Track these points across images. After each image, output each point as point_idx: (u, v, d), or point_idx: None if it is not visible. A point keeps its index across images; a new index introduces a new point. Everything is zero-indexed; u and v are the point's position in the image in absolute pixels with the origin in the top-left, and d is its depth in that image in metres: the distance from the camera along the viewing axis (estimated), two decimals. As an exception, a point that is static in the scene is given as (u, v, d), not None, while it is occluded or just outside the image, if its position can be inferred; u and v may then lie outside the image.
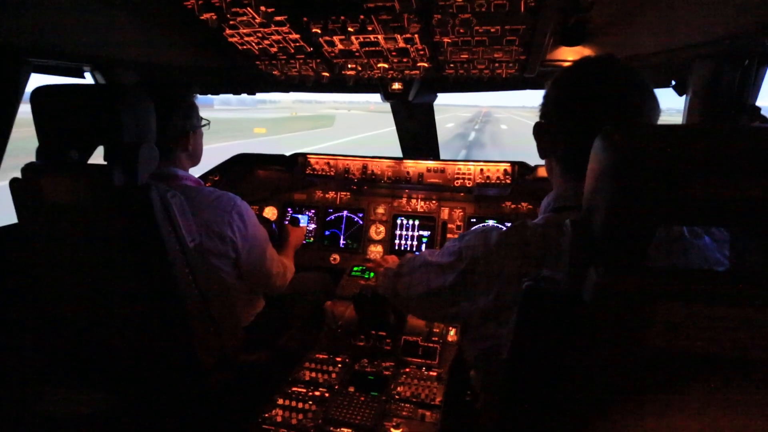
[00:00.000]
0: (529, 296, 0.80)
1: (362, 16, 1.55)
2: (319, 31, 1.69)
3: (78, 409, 1.72)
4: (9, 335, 1.83)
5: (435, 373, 1.93)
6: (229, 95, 3.04)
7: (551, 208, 1.19)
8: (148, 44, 2.03)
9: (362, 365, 1.98)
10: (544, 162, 1.33)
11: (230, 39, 1.85)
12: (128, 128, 1.44)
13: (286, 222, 2.94)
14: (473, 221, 2.88)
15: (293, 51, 1.97)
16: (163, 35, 1.95)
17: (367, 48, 1.87)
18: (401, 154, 3.20)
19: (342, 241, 3.05)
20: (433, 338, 2.12)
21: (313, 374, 1.90)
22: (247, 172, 3.09)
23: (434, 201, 2.97)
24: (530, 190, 2.76)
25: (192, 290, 1.62)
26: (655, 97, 1.12)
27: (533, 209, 2.80)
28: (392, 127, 3.19)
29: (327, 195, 3.12)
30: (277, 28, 1.69)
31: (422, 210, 2.98)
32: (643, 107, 1.09)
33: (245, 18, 1.59)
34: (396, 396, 1.78)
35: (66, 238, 1.58)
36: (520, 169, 2.63)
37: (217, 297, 1.77)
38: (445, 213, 2.93)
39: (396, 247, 2.97)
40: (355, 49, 1.90)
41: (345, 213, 3.07)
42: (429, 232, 2.93)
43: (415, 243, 2.95)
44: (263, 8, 1.52)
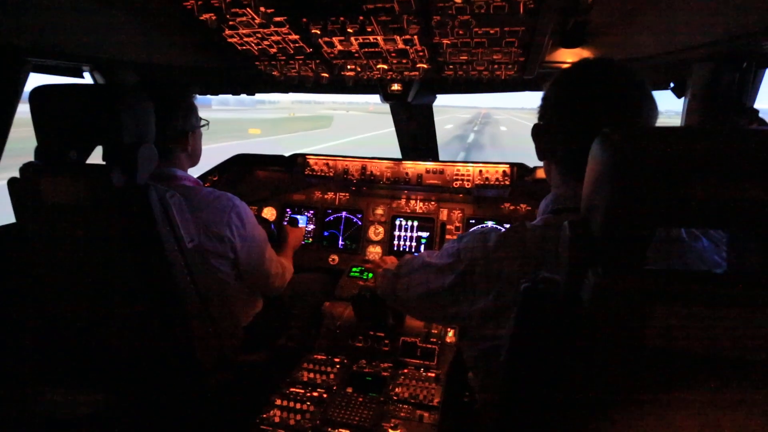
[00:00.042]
0: (528, 297, 0.80)
1: (362, 17, 1.55)
2: (319, 32, 1.69)
3: (77, 409, 1.71)
4: (8, 335, 1.82)
5: (433, 374, 1.93)
6: (228, 95, 3.05)
7: (550, 210, 1.19)
8: (148, 44, 2.03)
9: (360, 366, 1.98)
10: (543, 163, 1.33)
11: (230, 39, 1.84)
12: (127, 128, 1.44)
13: (285, 222, 2.94)
14: (472, 222, 2.88)
15: (292, 52, 1.97)
16: (163, 35, 1.95)
17: (367, 49, 1.87)
18: (400, 156, 3.20)
19: (341, 242, 3.04)
20: (432, 339, 2.12)
21: (312, 375, 1.90)
22: (246, 173, 3.09)
23: (433, 202, 2.97)
24: (529, 192, 2.76)
25: (191, 290, 1.62)
26: (654, 99, 1.12)
27: (532, 210, 2.80)
28: (391, 128, 3.19)
29: (326, 196, 3.12)
30: (277, 29, 1.69)
31: (421, 211, 2.98)
32: (642, 109, 1.10)
33: (245, 18, 1.59)
34: (394, 397, 1.78)
35: (65, 239, 1.58)
36: (519, 171, 2.64)
37: (216, 297, 1.77)
38: (444, 214, 2.93)
39: (395, 248, 2.97)
40: (355, 50, 1.90)
41: (344, 214, 3.07)
42: (428, 233, 2.93)
43: (414, 244, 2.95)
44: (263, 9, 1.52)
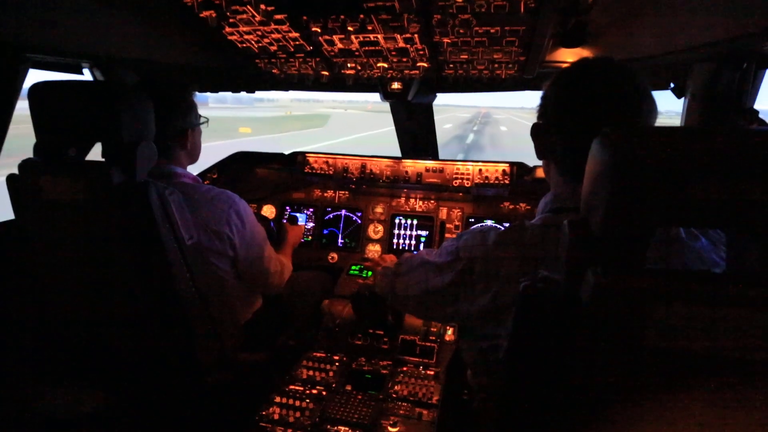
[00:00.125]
0: (527, 297, 0.80)
1: (362, 16, 1.55)
2: (319, 30, 1.69)
3: (77, 408, 1.71)
4: (8, 334, 1.82)
5: (432, 372, 1.93)
6: (226, 93, 3.04)
7: (549, 209, 1.19)
8: (147, 42, 2.02)
9: (360, 364, 1.98)
10: (542, 163, 1.33)
11: (229, 37, 1.84)
12: (127, 126, 1.44)
13: (285, 221, 2.95)
14: (471, 221, 2.88)
15: (293, 49, 1.97)
16: (162, 33, 1.94)
17: (367, 47, 1.87)
18: (398, 155, 3.20)
19: (340, 240, 3.04)
20: (431, 337, 2.13)
21: (311, 373, 1.90)
22: (246, 171, 3.08)
23: (433, 201, 2.97)
24: (528, 191, 2.76)
25: (190, 288, 1.61)
26: (653, 99, 1.12)
27: (531, 210, 2.80)
28: (389, 128, 3.19)
29: (325, 194, 3.12)
30: (277, 27, 1.69)
31: (421, 210, 2.98)
32: (641, 109, 1.10)
33: (245, 16, 1.59)
34: (393, 395, 1.78)
35: (64, 236, 1.58)
36: (519, 170, 2.64)
37: (215, 295, 1.77)
38: (444, 213, 2.93)
39: (394, 247, 2.97)
40: (355, 49, 1.89)
41: (343, 212, 3.07)
42: (427, 232, 2.93)
43: (414, 242, 2.95)
44: (263, 6, 1.52)
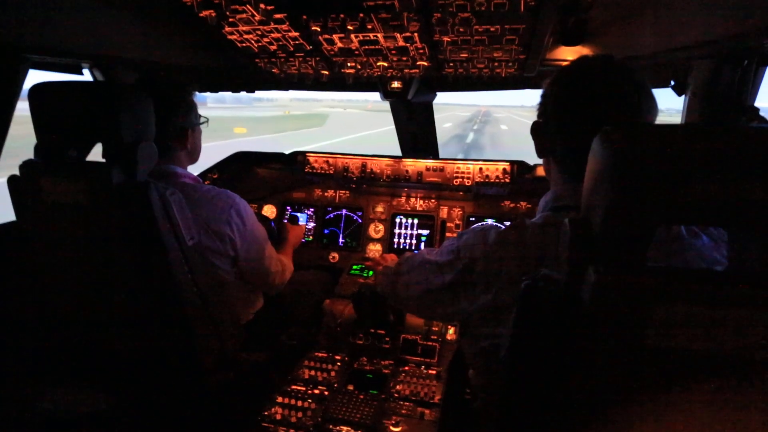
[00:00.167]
0: (528, 295, 0.80)
1: (362, 15, 1.54)
2: (319, 29, 1.69)
3: (77, 408, 1.72)
4: (8, 334, 1.82)
5: (434, 372, 1.93)
6: (225, 93, 3.03)
7: (549, 208, 1.19)
8: (147, 41, 2.02)
9: (361, 364, 1.98)
10: (542, 161, 1.33)
11: (229, 37, 1.84)
12: (127, 126, 1.44)
13: (285, 220, 2.95)
14: (472, 220, 2.88)
15: (292, 49, 1.97)
16: (162, 33, 1.94)
17: (367, 46, 1.87)
18: (397, 154, 3.20)
19: (341, 240, 3.04)
20: (432, 337, 2.13)
21: (313, 372, 1.90)
22: (246, 171, 3.08)
23: (433, 200, 2.97)
24: (529, 189, 2.76)
25: (191, 288, 1.62)
26: (653, 97, 1.12)
27: (532, 208, 2.80)
28: (389, 127, 3.19)
29: (326, 193, 3.12)
30: (277, 26, 1.69)
31: (421, 209, 2.98)
32: (642, 107, 1.09)
33: (244, 15, 1.59)
34: (395, 394, 1.78)
35: (65, 237, 1.58)
36: (519, 169, 2.64)
37: (216, 295, 1.77)
38: (444, 212, 2.93)
39: (395, 246, 2.97)
40: (355, 48, 1.89)
41: (344, 211, 3.07)
42: (428, 231, 2.93)
43: (414, 242, 2.95)
44: (262, 6, 1.52)
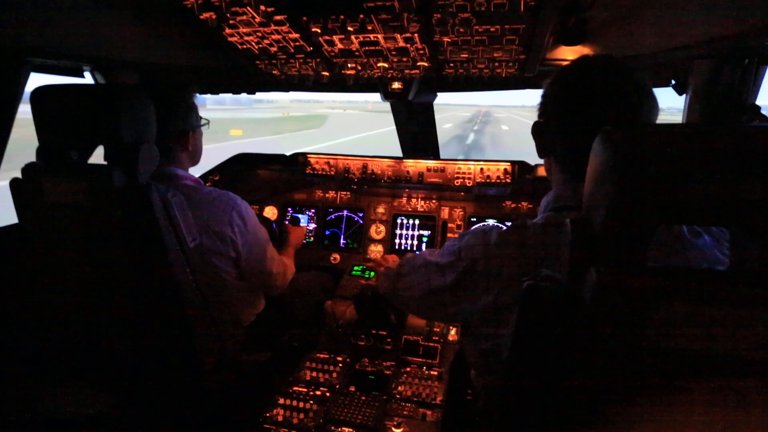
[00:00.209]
0: (529, 296, 0.80)
1: (362, 16, 1.55)
2: (319, 31, 1.69)
3: (78, 409, 1.72)
4: (9, 335, 1.83)
5: (436, 373, 1.93)
6: (224, 94, 3.04)
7: (551, 208, 1.19)
8: (148, 44, 2.03)
9: (363, 365, 1.98)
10: (544, 161, 1.33)
11: (230, 38, 1.84)
12: (128, 128, 1.44)
13: (287, 221, 2.95)
14: (473, 220, 2.88)
15: (293, 50, 1.97)
16: (163, 35, 1.94)
17: (367, 47, 1.87)
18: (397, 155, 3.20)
19: (342, 241, 3.05)
20: (434, 338, 2.13)
21: (314, 374, 1.90)
22: (248, 172, 3.09)
23: (434, 200, 2.97)
24: (530, 190, 2.76)
25: (192, 290, 1.62)
26: (654, 97, 1.11)
27: (533, 208, 2.80)
28: (389, 128, 3.19)
29: (327, 194, 3.12)
30: (277, 28, 1.69)
31: (422, 209, 2.97)
32: (642, 106, 1.09)
33: (245, 17, 1.59)
34: (397, 395, 1.78)
35: (66, 239, 1.58)
36: (520, 169, 2.64)
37: (218, 297, 1.77)
38: (445, 212, 2.93)
39: (396, 247, 2.97)
40: (355, 49, 1.90)
41: (345, 212, 3.07)
42: (429, 232, 2.93)
43: (416, 242, 2.95)
44: (263, 7, 1.52)
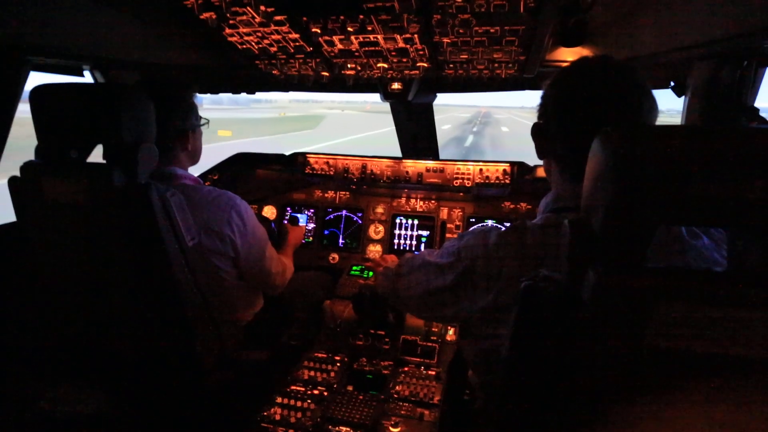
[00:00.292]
0: (528, 296, 0.80)
1: (362, 16, 1.55)
2: (319, 31, 1.69)
3: (78, 408, 1.72)
4: (9, 334, 1.83)
5: (434, 373, 1.93)
6: (222, 94, 3.03)
7: (550, 208, 1.19)
8: (148, 43, 2.03)
9: (361, 364, 1.98)
10: (543, 162, 1.33)
11: (230, 38, 1.85)
12: (128, 128, 1.44)
13: (286, 221, 2.95)
14: (472, 221, 2.88)
15: (293, 50, 1.97)
16: (163, 34, 1.94)
17: (367, 48, 1.87)
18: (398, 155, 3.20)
19: (341, 241, 3.05)
20: (432, 338, 2.13)
21: (312, 373, 1.90)
22: (247, 172, 3.08)
23: (433, 201, 2.97)
24: (529, 190, 2.76)
25: (191, 289, 1.62)
26: (653, 98, 1.12)
27: (532, 209, 2.80)
28: (387, 128, 3.19)
29: (326, 194, 3.12)
30: (277, 28, 1.69)
31: (421, 210, 2.98)
32: (642, 107, 1.09)
33: (245, 17, 1.59)
34: (395, 395, 1.78)
35: (65, 238, 1.58)
36: (520, 169, 2.64)
37: (217, 296, 1.77)
38: (444, 213, 2.93)
39: (395, 247, 2.97)
40: (355, 49, 1.90)
41: (344, 212, 3.07)
42: (428, 232, 2.93)
43: (414, 243, 2.95)
44: (263, 8, 1.52)
